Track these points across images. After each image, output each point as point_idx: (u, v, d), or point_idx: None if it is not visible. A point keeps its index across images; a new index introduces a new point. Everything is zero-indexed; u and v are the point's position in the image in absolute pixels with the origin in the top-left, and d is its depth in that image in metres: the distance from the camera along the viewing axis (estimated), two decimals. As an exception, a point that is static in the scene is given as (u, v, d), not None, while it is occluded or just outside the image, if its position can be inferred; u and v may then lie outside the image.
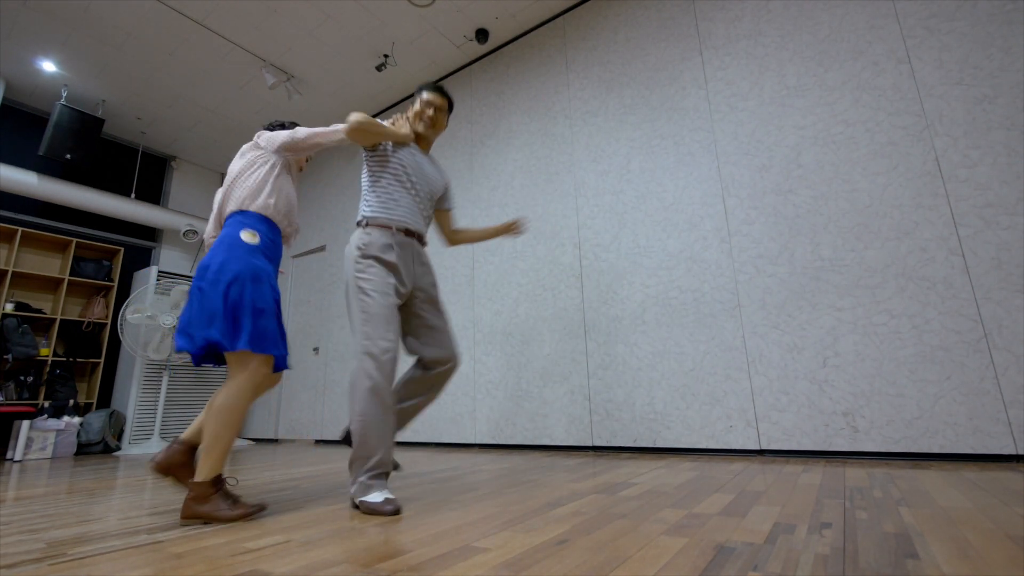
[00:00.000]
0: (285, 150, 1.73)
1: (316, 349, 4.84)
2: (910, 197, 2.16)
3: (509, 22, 3.74)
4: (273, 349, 1.52)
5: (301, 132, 1.73)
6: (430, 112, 1.88)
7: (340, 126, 1.70)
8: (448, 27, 3.79)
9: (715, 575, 0.85)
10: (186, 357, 4.64)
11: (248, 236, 1.59)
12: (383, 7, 3.60)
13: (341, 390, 4.44)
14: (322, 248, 5.11)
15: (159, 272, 4.90)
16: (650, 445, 2.63)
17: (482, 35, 3.82)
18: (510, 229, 2.02)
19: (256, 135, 1.77)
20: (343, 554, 1.05)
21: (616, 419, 2.77)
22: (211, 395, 5.07)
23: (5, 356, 4.04)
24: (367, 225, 1.70)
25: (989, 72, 2.08)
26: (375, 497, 1.46)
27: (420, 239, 1.80)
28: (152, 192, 5.45)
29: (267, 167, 1.71)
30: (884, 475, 1.73)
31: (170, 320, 4.43)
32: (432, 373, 1.80)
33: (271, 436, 4.99)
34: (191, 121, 4.96)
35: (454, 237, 2.01)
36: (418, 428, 3.72)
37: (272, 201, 1.68)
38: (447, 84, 4.30)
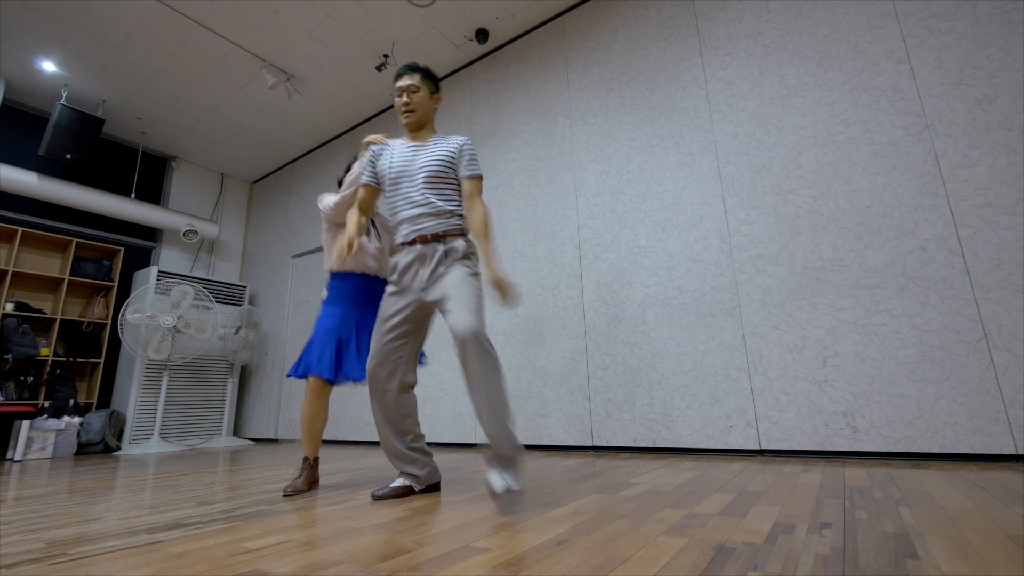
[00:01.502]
0: (327, 221, 2.16)
1: (316, 349, 4.84)
2: (910, 197, 2.16)
3: (509, 22, 3.74)
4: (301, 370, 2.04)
5: (325, 202, 2.12)
6: (402, 100, 1.77)
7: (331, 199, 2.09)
8: (448, 27, 3.79)
9: (715, 575, 0.85)
10: (186, 357, 4.66)
11: (324, 294, 2.18)
12: (383, 7, 3.60)
13: (341, 390, 4.44)
14: (322, 248, 5.11)
15: (159, 272, 4.90)
16: (650, 445, 2.63)
17: (482, 35, 3.82)
18: (500, 290, 1.62)
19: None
20: (343, 554, 1.05)
21: (616, 419, 2.77)
22: (210, 395, 5.09)
23: (5, 356, 4.04)
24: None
25: (989, 72, 2.08)
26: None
27: (425, 240, 1.67)
28: (152, 192, 5.45)
29: (326, 232, 2.17)
30: (884, 475, 1.73)
31: (170, 320, 4.43)
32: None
33: (271, 436, 4.99)
34: (191, 121, 4.96)
35: (467, 214, 1.72)
36: (418, 428, 3.71)
37: (332, 260, 2.15)
38: (447, 84, 4.30)
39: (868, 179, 2.27)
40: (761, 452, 2.33)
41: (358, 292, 2.14)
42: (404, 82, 1.77)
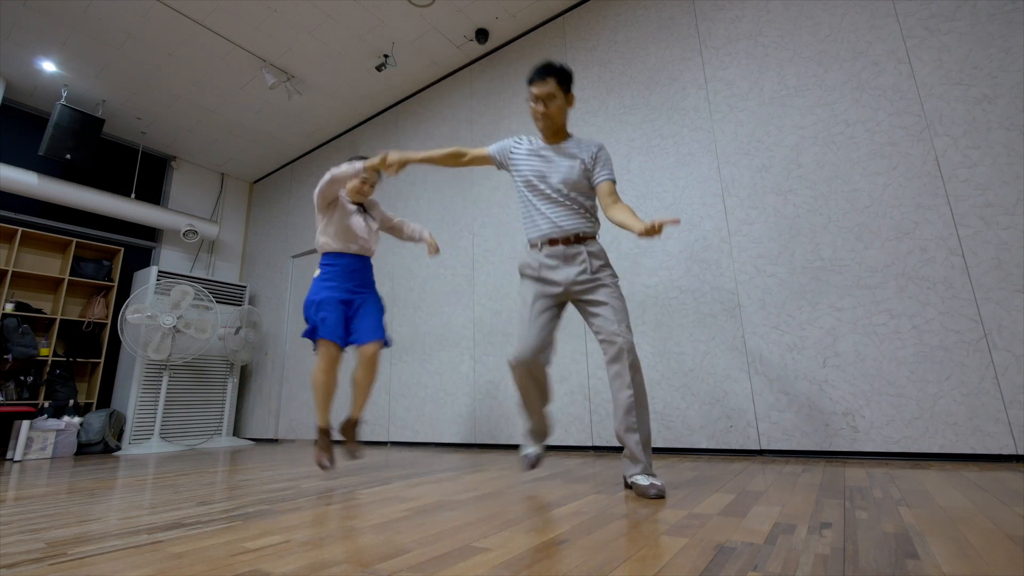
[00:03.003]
0: (318, 198, 2.29)
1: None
2: (910, 197, 2.16)
3: (509, 22, 3.74)
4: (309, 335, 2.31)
5: (324, 178, 2.26)
6: (539, 108, 1.77)
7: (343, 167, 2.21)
8: (448, 27, 3.79)
9: (715, 575, 0.85)
10: (186, 357, 4.66)
11: (316, 272, 2.35)
12: (383, 7, 3.60)
13: (341, 390, 4.43)
14: (322, 248, 5.11)
15: (159, 272, 4.90)
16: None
17: (482, 35, 3.82)
18: (652, 231, 1.63)
19: None
20: (343, 554, 1.05)
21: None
22: (210, 395, 5.09)
23: (5, 356, 4.04)
24: (528, 246, 1.84)
25: (989, 72, 2.08)
26: (527, 451, 1.86)
27: (568, 241, 1.74)
28: (152, 192, 5.45)
29: (318, 214, 2.35)
30: (884, 475, 1.73)
31: (170, 320, 4.43)
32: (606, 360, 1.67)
33: (271, 436, 4.99)
34: (191, 121, 4.97)
35: (607, 214, 1.76)
36: (418, 428, 3.72)
37: (323, 240, 2.34)
38: (447, 84, 4.30)
39: (868, 179, 2.27)
40: (761, 452, 2.33)
41: (349, 269, 2.33)
42: (540, 89, 1.74)
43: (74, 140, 4.28)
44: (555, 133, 1.84)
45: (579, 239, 1.75)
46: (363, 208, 2.47)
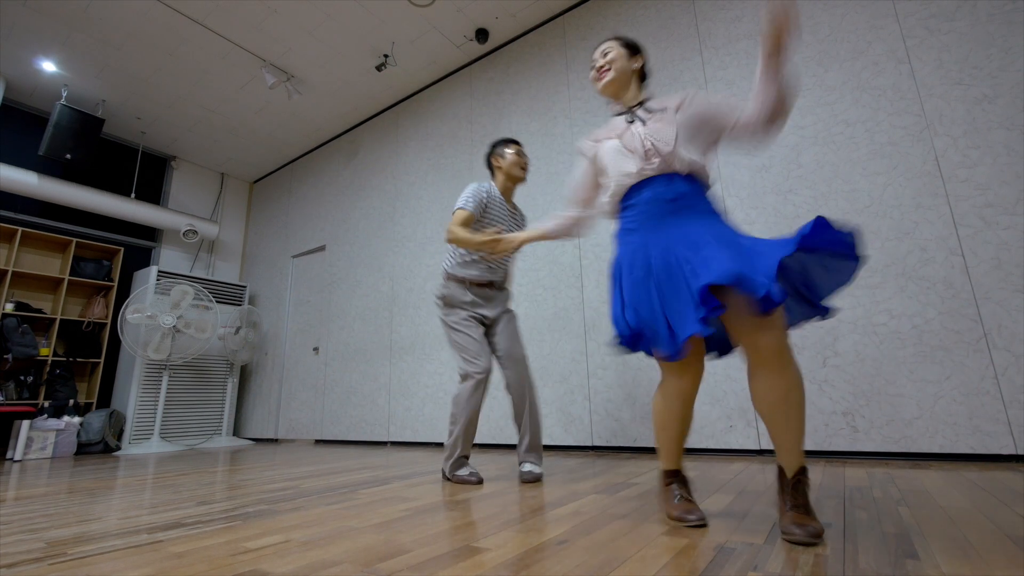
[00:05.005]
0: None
1: (316, 349, 4.84)
2: (910, 197, 2.16)
3: (509, 22, 3.74)
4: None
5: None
6: (524, 162, 2.25)
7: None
8: (448, 27, 3.79)
9: (715, 575, 0.85)
10: (186, 357, 4.65)
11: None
12: (383, 7, 3.60)
13: (341, 390, 4.44)
14: (322, 248, 5.11)
15: (159, 272, 4.90)
16: (650, 445, 2.63)
17: (482, 35, 3.82)
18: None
19: None
20: (343, 554, 1.05)
21: (616, 419, 2.77)
22: (210, 395, 5.07)
23: (5, 356, 4.04)
24: (447, 279, 2.15)
25: (989, 72, 2.08)
26: (467, 472, 2.01)
27: (491, 286, 2.16)
28: (152, 192, 5.45)
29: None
30: (884, 475, 1.73)
31: (170, 320, 4.43)
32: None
33: (271, 436, 4.99)
34: (191, 121, 4.96)
35: None
36: (418, 428, 3.72)
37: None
38: (447, 84, 4.30)
39: (868, 179, 2.27)
40: (761, 452, 2.33)
41: (659, 201, 1.34)
42: (525, 153, 2.28)
43: (74, 140, 4.28)
44: (510, 194, 2.28)
45: (495, 285, 2.19)
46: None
